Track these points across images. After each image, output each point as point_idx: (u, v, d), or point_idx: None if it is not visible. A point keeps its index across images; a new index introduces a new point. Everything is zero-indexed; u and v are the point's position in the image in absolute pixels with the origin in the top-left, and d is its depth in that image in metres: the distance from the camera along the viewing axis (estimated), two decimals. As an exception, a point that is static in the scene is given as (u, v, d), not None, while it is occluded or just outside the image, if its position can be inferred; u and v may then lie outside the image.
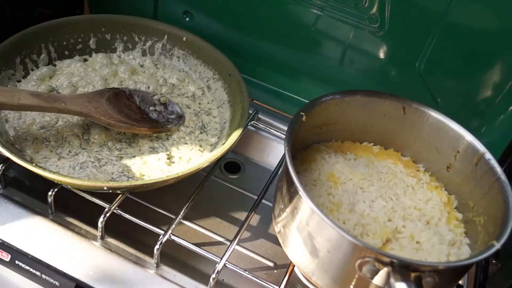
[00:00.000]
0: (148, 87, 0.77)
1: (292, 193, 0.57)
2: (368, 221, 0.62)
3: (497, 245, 0.53)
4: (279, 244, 0.62)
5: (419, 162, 0.71)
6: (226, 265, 0.60)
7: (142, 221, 0.63)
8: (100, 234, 0.64)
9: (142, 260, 0.63)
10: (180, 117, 0.74)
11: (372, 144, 0.72)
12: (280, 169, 0.72)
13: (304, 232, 0.56)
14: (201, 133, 0.74)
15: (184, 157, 0.70)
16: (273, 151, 0.82)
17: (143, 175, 0.66)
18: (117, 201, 0.63)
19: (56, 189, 0.64)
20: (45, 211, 0.66)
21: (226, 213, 0.73)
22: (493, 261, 0.66)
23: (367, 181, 0.67)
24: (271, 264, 0.68)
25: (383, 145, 0.72)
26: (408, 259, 0.51)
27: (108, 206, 0.63)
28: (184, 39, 0.81)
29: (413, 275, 0.51)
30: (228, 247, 0.62)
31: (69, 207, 0.67)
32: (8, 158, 0.63)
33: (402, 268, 0.50)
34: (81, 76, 0.76)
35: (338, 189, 0.64)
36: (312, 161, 0.68)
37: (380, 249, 0.57)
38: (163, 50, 0.83)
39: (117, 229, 0.66)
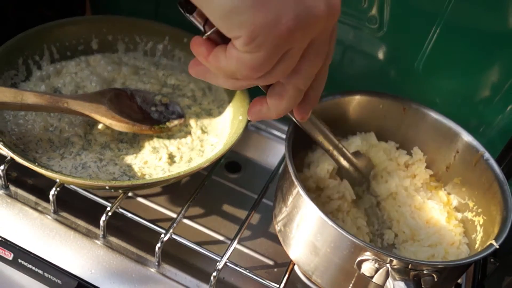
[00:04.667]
0: (149, 88, 0.78)
1: (293, 193, 0.57)
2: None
3: (496, 245, 0.54)
4: (279, 243, 0.62)
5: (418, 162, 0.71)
6: (227, 263, 0.61)
7: (144, 220, 0.64)
8: (102, 233, 0.64)
9: (143, 259, 0.63)
10: (181, 117, 0.74)
11: (372, 144, 0.73)
12: (280, 169, 0.73)
13: (304, 231, 0.57)
14: (202, 133, 0.74)
15: (185, 157, 0.70)
16: (273, 151, 0.82)
17: (144, 175, 0.67)
18: (118, 200, 0.64)
19: (58, 189, 0.64)
20: (47, 210, 0.66)
21: (226, 212, 0.74)
22: (491, 260, 0.66)
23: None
24: (271, 263, 0.69)
25: (382, 145, 0.73)
26: (407, 258, 0.52)
27: (110, 205, 0.63)
28: (185, 40, 0.82)
29: (412, 274, 0.51)
30: (228, 246, 0.62)
31: (71, 206, 0.67)
32: (11, 158, 0.64)
33: (401, 267, 0.51)
34: (83, 76, 0.76)
35: (338, 189, 0.65)
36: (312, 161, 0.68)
37: (380, 248, 0.58)
38: (164, 51, 0.83)
39: (118, 228, 0.66)
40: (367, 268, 0.52)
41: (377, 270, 0.52)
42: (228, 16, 0.37)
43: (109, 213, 0.63)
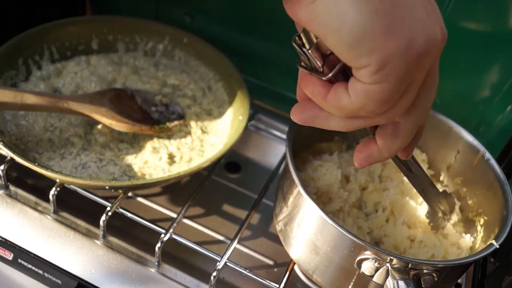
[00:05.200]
0: (149, 88, 0.78)
1: (293, 192, 0.57)
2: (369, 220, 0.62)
3: (496, 245, 0.54)
4: (279, 243, 0.62)
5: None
6: (227, 263, 0.61)
7: (144, 220, 0.64)
8: (102, 233, 0.64)
9: (143, 259, 0.63)
10: (181, 118, 0.74)
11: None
12: (281, 169, 0.73)
13: (305, 231, 0.57)
14: (202, 133, 0.74)
15: (185, 157, 0.70)
16: (273, 151, 0.83)
17: (144, 175, 0.67)
18: (118, 200, 0.64)
19: (58, 189, 0.64)
20: (47, 210, 0.66)
21: (226, 212, 0.74)
22: (491, 260, 0.66)
23: (368, 180, 0.67)
24: (271, 263, 0.69)
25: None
26: (407, 257, 0.52)
27: (110, 205, 0.63)
28: (185, 40, 0.82)
29: (412, 273, 0.51)
30: (228, 246, 0.62)
31: (71, 206, 0.67)
32: (11, 158, 0.64)
33: (401, 266, 0.51)
34: (83, 76, 0.76)
35: (339, 189, 0.65)
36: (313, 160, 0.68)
37: (380, 247, 0.58)
38: (164, 51, 0.83)
39: (118, 228, 0.66)
40: (367, 267, 0.52)
41: (377, 269, 0.52)
42: (358, 43, 0.34)
43: (109, 213, 0.63)
